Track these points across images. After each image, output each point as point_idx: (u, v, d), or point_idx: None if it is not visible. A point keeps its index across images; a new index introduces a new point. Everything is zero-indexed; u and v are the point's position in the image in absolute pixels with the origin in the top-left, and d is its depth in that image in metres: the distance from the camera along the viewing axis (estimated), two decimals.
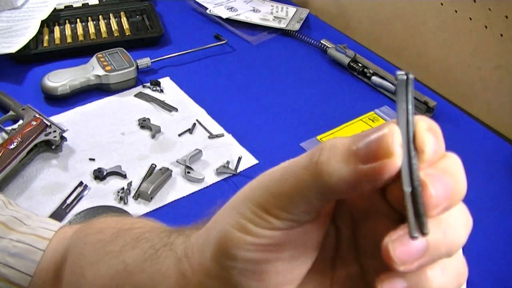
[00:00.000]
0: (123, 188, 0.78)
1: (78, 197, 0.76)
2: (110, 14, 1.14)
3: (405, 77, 0.25)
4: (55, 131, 0.82)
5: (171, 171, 0.80)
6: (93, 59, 0.98)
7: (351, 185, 0.24)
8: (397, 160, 0.23)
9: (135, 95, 0.97)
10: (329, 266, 0.29)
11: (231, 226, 0.27)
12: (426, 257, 0.24)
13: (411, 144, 0.24)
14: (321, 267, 0.29)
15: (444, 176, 0.25)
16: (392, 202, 0.26)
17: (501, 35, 0.94)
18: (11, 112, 0.87)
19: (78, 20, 1.12)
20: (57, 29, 1.09)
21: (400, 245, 0.24)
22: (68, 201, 0.76)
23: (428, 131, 0.25)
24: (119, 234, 0.39)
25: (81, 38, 1.08)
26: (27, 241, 0.44)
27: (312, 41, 1.12)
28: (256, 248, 0.27)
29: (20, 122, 0.84)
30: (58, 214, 0.74)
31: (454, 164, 0.26)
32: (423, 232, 0.24)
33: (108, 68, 0.96)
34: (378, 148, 0.24)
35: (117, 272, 0.36)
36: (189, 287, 0.31)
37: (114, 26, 1.11)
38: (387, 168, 0.23)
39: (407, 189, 0.24)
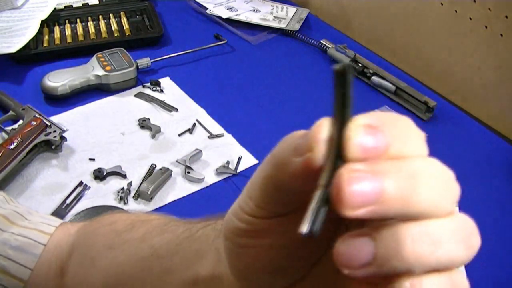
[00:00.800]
0: (123, 188, 0.78)
1: (78, 197, 0.76)
2: (110, 14, 1.14)
3: (342, 69, 0.23)
4: (55, 131, 0.82)
5: (171, 171, 0.80)
6: (93, 59, 0.98)
7: (292, 177, 0.24)
8: (317, 156, 0.23)
9: (135, 95, 0.97)
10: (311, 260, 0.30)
11: (231, 210, 0.29)
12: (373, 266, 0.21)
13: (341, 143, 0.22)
14: (303, 261, 0.30)
15: (373, 178, 0.21)
16: None
17: (501, 35, 0.94)
18: (11, 112, 0.87)
19: (78, 20, 1.12)
20: (57, 29, 1.09)
21: (347, 247, 0.22)
22: (68, 201, 0.76)
23: (363, 128, 0.22)
24: (134, 224, 0.39)
25: (81, 38, 1.08)
26: (28, 235, 0.44)
27: (312, 41, 1.12)
28: (241, 232, 0.28)
29: (20, 122, 0.84)
30: (58, 214, 0.74)
31: (402, 168, 0.22)
32: (312, 230, 0.22)
33: (108, 68, 0.96)
34: (305, 143, 0.24)
35: (142, 258, 0.37)
36: (217, 266, 0.32)
37: (114, 26, 1.11)
38: (308, 163, 0.23)
39: (320, 186, 0.23)
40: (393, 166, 0.22)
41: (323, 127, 0.23)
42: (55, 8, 1.11)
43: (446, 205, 0.22)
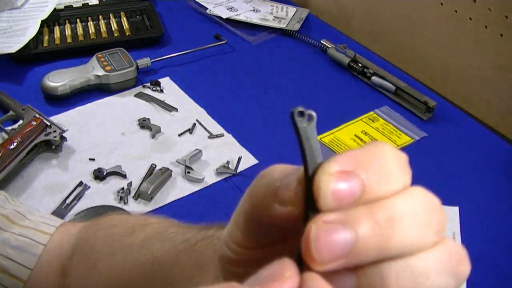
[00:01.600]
0: (123, 188, 0.78)
1: (78, 197, 0.76)
2: (110, 14, 1.14)
3: (304, 121, 0.20)
4: (55, 131, 0.82)
5: (171, 171, 0.80)
6: (93, 59, 0.98)
7: (273, 220, 0.24)
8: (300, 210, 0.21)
9: (135, 95, 0.97)
10: None
11: (224, 235, 0.30)
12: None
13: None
14: None
15: (344, 229, 0.19)
16: None
17: (501, 35, 0.94)
18: (11, 112, 0.87)
19: (78, 20, 1.12)
20: (57, 29, 1.09)
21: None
22: (68, 201, 0.76)
23: (335, 175, 0.20)
24: (134, 228, 0.39)
25: (81, 38, 1.08)
26: (28, 235, 0.44)
27: (312, 41, 1.12)
28: (233, 262, 0.28)
29: (20, 122, 0.84)
30: (58, 214, 0.73)
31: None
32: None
33: (108, 68, 0.96)
34: (288, 194, 0.22)
35: (142, 264, 0.37)
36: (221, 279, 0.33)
37: (114, 26, 1.11)
38: (292, 214, 0.22)
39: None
40: (367, 212, 0.20)
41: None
42: (55, 8, 1.11)
43: (429, 238, 0.21)
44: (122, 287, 0.38)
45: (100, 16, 1.13)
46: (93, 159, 0.83)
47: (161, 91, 0.98)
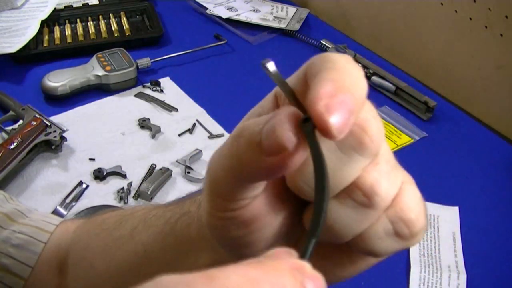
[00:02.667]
0: (123, 188, 0.78)
1: (78, 197, 0.76)
2: (110, 14, 1.14)
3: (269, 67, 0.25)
4: (55, 131, 0.82)
5: (171, 171, 0.80)
6: (93, 59, 0.98)
7: (266, 175, 0.25)
8: (293, 153, 0.23)
9: (135, 95, 0.97)
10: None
11: (208, 215, 0.29)
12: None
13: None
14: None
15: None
16: None
17: (501, 35, 0.94)
18: (11, 112, 0.87)
19: (78, 20, 1.12)
20: (57, 29, 1.09)
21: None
22: (68, 201, 0.76)
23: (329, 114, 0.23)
24: (122, 219, 0.39)
25: (81, 38, 1.08)
26: (29, 233, 0.44)
27: (312, 41, 1.12)
28: (234, 228, 0.28)
29: (20, 122, 0.84)
30: (58, 214, 0.74)
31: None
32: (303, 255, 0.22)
33: (108, 68, 0.96)
34: (272, 143, 0.23)
35: (136, 255, 0.37)
36: (215, 252, 0.32)
37: (114, 26, 1.11)
38: (286, 161, 0.23)
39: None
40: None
41: (283, 122, 0.23)
42: (55, 8, 1.11)
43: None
44: (120, 282, 0.38)
45: (100, 16, 1.13)
46: (93, 159, 0.83)
47: (161, 91, 0.98)
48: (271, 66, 0.25)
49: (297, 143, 0.23)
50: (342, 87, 0.23)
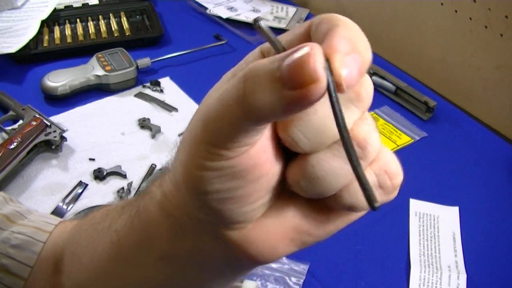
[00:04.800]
0: (123, 188, 0.78)
1: (78, 197, 0.76)
2: (110, 14, 1.14)
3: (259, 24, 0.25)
4: (55, 131, 0.82)
5: None
6: (93, 59, 0.98)
7: (281, 111, 0.24)
8: (322, 85, 0.23)
9: (135, 95, 0.97)
10: None
11: (191, 167, 0.28)
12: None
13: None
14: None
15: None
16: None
17: (501, 35, 0.94)
18: (11, 112, 0.87)
19: (78, 20, 1.12)
20: (57, 29, 1.09)
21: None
22: (67, 201, 0.76)
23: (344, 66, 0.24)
24: (108, 213, 0.39)
25: (81, 38, 1.08)
26: (28, 233, 0.44)
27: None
28: (222, 179, 0.27)
29: (20, 122, 0.84)
30: (58, 214, 0.74)
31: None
32: (374, 207, 0.24)
33: (108, 68, 0.96)
34: (302, 74, 0.23)
35: (112, 244, 0.36)
36: (178, 225, 0.31)
37: (114, 26, 1.11)
38: (314, 94, 0.23)
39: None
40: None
41: (317, 53, 0.23)
42: (55, 8, 1.11)
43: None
44: (102, 274, 0.37)
45: (100, 16, 1.13)
46: (93, 159, 0.83)
47: (161, 91, 0.98)
48: (263, 23, 0.26)
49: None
50: (356, 47, 0.25)
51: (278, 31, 1.15)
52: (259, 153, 0.27)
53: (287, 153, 0.28)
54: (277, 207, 0.30)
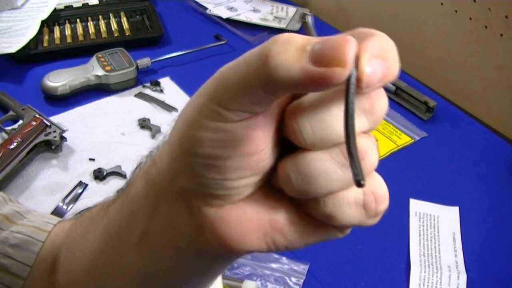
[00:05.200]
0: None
1: (78, 197, 0.76)
2: (110, 14, 1.14)
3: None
4: (55, 131, 0.82)
5: None
6: (93, 59, 0.98)
7: (296, 83, 0.24)
8: (345, 71, 0.23)
9: (135, 95, 0.97)
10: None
11: (190, 123, 0.28)
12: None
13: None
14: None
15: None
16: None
17: (501, 35, 0.94)
18: (11, 112, 0.87)
19: (78, 20, 1.12)
20: (57, 29, 1.09)
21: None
22: (67, 201, 0.76)
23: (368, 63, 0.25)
24: (104, 205, 0.39)
25: (81, 38, 1.08)
26: (27, 233, 0.44)
27: None
28: (214, 144, 0.27)
29: (20, 122, 0.84)
30: (58, 214, 0.74)
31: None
32: (360, 183, 0.24)
33: (108, 68, 0.96)
34: (333, 54, 0.24)
35: (102, 230, 0.36)
36: (157, 192, 0.31)
37: (114, 26, 1.11)
38: (335, 76, 0.23)
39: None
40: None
41: (353, 43, 0.24)
42: (55, 8, 1.11)
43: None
44: (93, 265, 0.37)
45: (100, 16, 1.13)
46: (93, 159, 0.83)
47: (161, 91, 0.98)
48: (310, 19, 0.28)
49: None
50: (386, 56, 0.26)
51: (278, 31, 1.15)
52: (258, 127, 0.27)
53: (284, 149, 0.28)
54: (259, 197, 0.30)
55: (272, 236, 0.29)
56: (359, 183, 0.24)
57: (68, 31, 1.09)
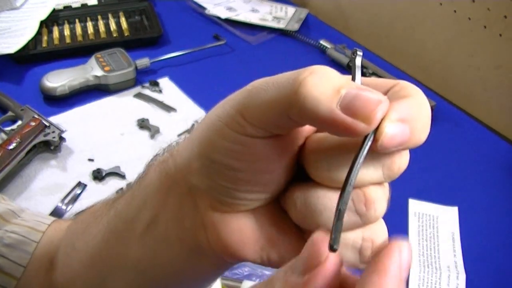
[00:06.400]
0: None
1: (77, 197, 0.76)
2: (109, 14, 1.14)
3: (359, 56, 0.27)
4: (54, 132, 0.82)
5: None
6: (92, 60, 0.98)
7: (320, 120, 0.24)
8: (368, 129, 0.24)
9: (134, 96, 0.97)
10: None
11: (210, 127, 0.28)
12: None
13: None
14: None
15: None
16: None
17: (500, 35, 0.94)
18: (10, 113, 0.87)
19: (77, 20, 1.12)
20: (56, 30, 1.09)
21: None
22: (66, 201, 0.76)
23: (396, 122, 0.25)
24: (108, 201, 0.39)
25: (80, 38, 1.08)
26: (21, 233, 0.44)
27: (311, 41, 1.11)
28: (230, 153, 0.27)
29: (19, 122, 0.84)
30: (57, 214, 0.73)
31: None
32: (332, 248, 0.24)
33: (107, 68, 0.96)
34: (362, 109, 0.24)
35: (108, 222, 0.36)
36: (170, 182, 0.32)
37: (113, 26, 1.11)
38: (355, 129, 0.24)
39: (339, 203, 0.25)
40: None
41: (385, 103, 0.24)
42: (54, 9, 1.11)
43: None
44: (96, 260, 0.37)
45: (99, 16, 1.13)
46: (92, 160, 0.82)
47: (160, 91, 0.98)
48: (358, 59, 0.27)
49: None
50: (413, 122, 0.25)
51: (277, 31, 1.15)
52: (275, 147, 0.27)
53: (298, 174, 0.29)
54: (265, 212, 0.30)
55: (268, 252, 0.30)
56: (331, 247, 0.24)
57: (67, 32, 1.09)
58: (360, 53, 0.27)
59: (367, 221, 0.27)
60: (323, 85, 0.24)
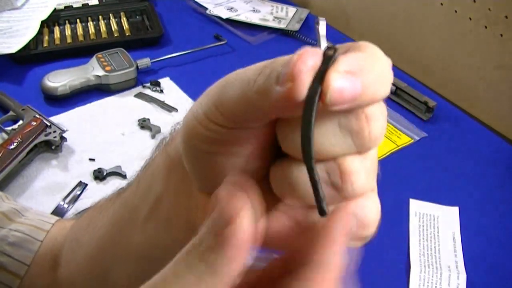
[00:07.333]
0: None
1: (78, 197, 0.77)
2: (110, 14, 1.14)
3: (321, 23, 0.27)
4: (55, 132, 0.82)
5: None
6: (93, 60, 0.98)
7: (271, 106, 0.24)
8: (300, 86, 0.22)
9: (135, 96, 0.97)
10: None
11: (192, 115, 0.29)
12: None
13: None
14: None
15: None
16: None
17: (501, 35, 0.94)
18: (11, 113, 0.87)
19: (78, 20, 1.12)
20: (57, 30, 1.09)
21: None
22: (67, 200, 0.76)
23: (343, 74, 0.23)
24: (113, 196, 0.39)
25: (81, 38, 1.08)
26: (25, 231, 0.44)
27: (312, 42, 1.12)
28: (207, 140, 0.28)
29: (20, 122, 0.84)
30: (58, 214, 0.74)
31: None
32: (322, 213, 0.24)
33: (108, 68, 0.96)
34: (287, 69, 0.23)
35: (113, 213, 0.37)
36: (171, 163, 0.33)
37: (114, 26, 1.11)
38: (290, 93, 0.23)
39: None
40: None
41: (307, 57, 0.23)
42: (55, 9, 1.11)
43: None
44: (102, 247, 0.37)
45: (100, 16, 1.13)
46: (93, 159, 0.83)
47: (161, 91, 0.98)
48: (322, 28, 0.27)
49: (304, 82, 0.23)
50: (366, 75, 0.23)
51: (278, 31, 1.15)
52: (248, 135, 0.27)
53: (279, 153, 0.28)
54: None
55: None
56: (322, 212, 0.24)
57: (68, 31, 1.09)
58: (322, 22, 0.27)
59: (346, 195, 0.26)
60: (269, 73, 0.24)
